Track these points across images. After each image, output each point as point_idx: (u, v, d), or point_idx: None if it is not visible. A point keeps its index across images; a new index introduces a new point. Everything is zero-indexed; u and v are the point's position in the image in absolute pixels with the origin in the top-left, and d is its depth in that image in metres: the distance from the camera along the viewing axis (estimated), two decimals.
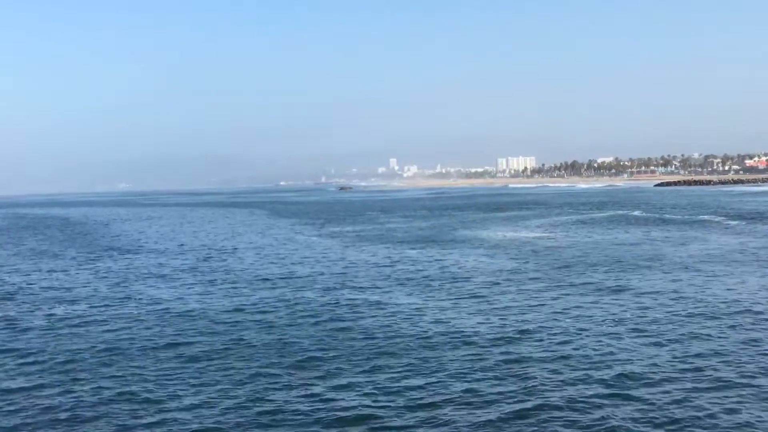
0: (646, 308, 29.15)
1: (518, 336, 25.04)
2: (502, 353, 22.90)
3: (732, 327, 25.45)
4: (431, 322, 27.66)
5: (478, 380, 20.24)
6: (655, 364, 21.11)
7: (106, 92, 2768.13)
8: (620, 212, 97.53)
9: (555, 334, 25.10)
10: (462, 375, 20.75)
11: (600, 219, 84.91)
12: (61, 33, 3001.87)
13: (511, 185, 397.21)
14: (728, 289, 33.03)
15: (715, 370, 20.42)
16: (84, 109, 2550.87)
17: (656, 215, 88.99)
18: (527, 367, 21.33)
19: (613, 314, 28.14)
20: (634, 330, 25.37)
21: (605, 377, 20.09)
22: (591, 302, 30.87)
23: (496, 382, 20.09)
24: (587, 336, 24.73)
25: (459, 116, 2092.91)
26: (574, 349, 23.13)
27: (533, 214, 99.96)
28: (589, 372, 20.64)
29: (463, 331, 25.91)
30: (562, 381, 19.93)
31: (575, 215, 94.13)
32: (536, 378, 20.25)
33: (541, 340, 24.35)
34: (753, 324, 25.85)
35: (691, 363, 21.13)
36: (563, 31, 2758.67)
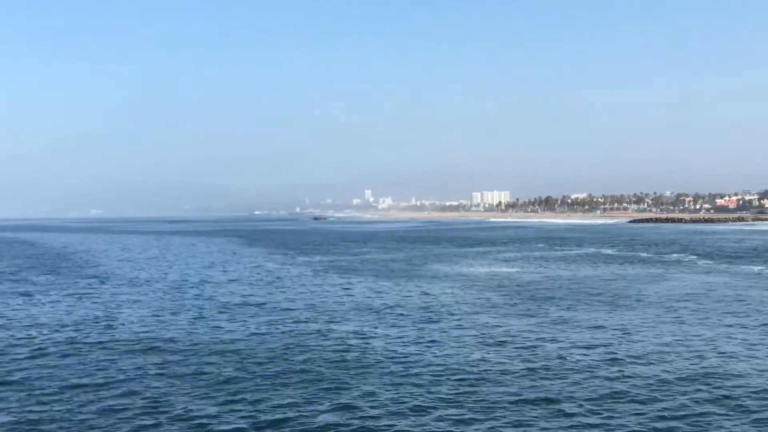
0: (613, 343, 29.60)
1: (490, 368, 25.32)
2: (469, 386, 23.15)
3: (697, 362, 25.96)
4: (404, 354, 27.79)
5: (457, 414, 20.51)
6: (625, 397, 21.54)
7: (79, 118, 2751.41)
8: (594, 249, 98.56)
9: (526, 369, 25.43)
10: (439, 408, 20.95)
11: (575, 256, 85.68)
12: (39, 57, 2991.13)
13: (490, 219, 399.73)
14: (692, 327, 33.62)
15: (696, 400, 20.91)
16: (59, 134, 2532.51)
17: (629, 253, 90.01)
18: (504, 401, 21.56)
19: (582, 347, 28.54)
20: (598, 363, 25.80)
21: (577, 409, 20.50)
22: (561, 336, 31.20)
23: (471, 413, 20.42)
24: (557, 370, 25.11)
25: (434, 150, 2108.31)
26: (548, 384, 23.49)
27: (509, 249, 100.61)
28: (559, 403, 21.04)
29: (436, 363, 26.11)
30: (535, 416, 20.27)
31: (551, 251, 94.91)
32: (509, 411, 20.55)
33: (511, 373, 24.68)
34: (710, 360, 26.40)
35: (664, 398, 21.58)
36: (540, 68, 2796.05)
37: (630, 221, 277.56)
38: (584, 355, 27.68)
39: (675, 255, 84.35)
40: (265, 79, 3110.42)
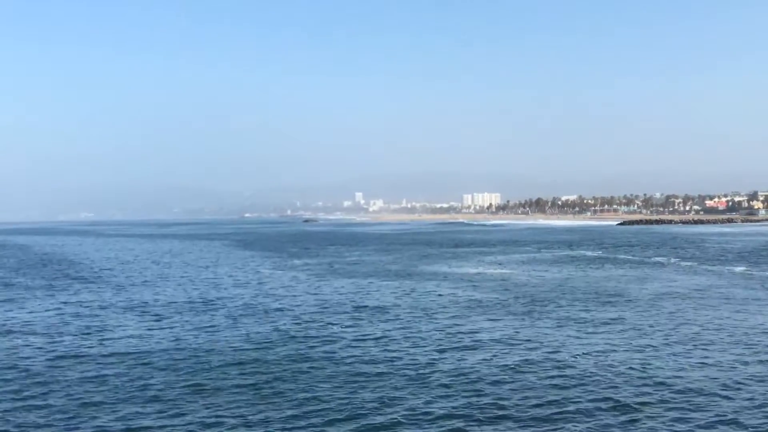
0: (598, 341, 30.40)
1: (485, 367, 26.00)
2: (463, 383, 23.79)
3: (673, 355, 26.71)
4: (400, 355, 28.44)
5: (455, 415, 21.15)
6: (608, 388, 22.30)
7: (68, 120, 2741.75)
8: (582, 251, 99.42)
9: (520, 366, 26.13)
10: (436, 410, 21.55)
11: (565, 257, 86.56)
12: (29, 62, 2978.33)
13: (482, 221, 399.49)
14: (678, 324, 34.44)
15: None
16: (47, 137, 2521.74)
17: (617, 255, 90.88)
18: (497, 398, 22.22)
19: (579, 347, 29.32)
20: (575, 360, 26.58)
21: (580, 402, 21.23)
22: (556, 335, 31.96)
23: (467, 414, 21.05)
24: (550, 367, 25.86)
25: (425, 152, 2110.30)
26: (541, 379, 24.25)
27: (503, 251, 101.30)
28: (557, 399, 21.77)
29: (435, 365, 26.80)
30: (533, 411, 20.96)
31: (545, 253, 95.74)
32: (507, 407, 21.21)
33: (502, 368, 25.38)
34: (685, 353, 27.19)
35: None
36: (529, 70, 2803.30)
37: (620, 223, 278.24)
38: (585, 354, 28.45)
39: (662, 257, 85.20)
40: (256, 81, 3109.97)
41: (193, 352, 29.85)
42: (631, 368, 25.91)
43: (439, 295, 48.51)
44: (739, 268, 66.76)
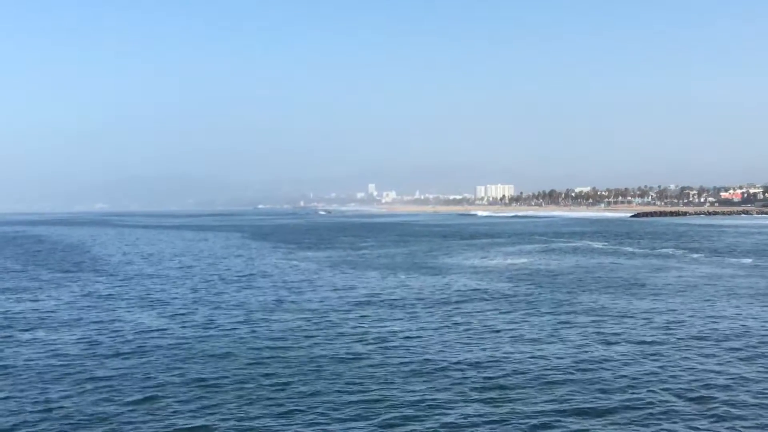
0: (606, 329, 31.52)
1: (498, 358, 27.05)
2: (484, 377, 24.38)
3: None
4: (419, 347, 29.07)
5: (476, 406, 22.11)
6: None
7: (83, 112, 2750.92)
8: (597, 243, 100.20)
9: (540, 359, 27.22)
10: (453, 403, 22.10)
11: (581, 248, 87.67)
12: (40, 52, 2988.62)
13: (498, 213, 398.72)
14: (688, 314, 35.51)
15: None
16: (62, 128, 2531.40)
17: (631, 247, 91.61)
18: (512, 391, 22.86)
19: (584, 335, 30.45)
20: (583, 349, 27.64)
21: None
22: (571, 325, 33.14)
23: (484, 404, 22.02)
24: (563, 358, 26.95)
25: (437, 144, 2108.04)
26: (554, 372, 25.32)
27: (517, 241, 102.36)
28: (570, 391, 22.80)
29: (457, 357, 27.73)
30: (540, 403, 21.98)
31: (559, 243, 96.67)
32: (516, 399, 21.82)
33: (521, 363, 26.42)
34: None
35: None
36: (543, 60, 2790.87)
37: (634, 215, 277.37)
38: (612, 344, 29.53)
39: (674, 249, 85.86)
40: (268, 72, 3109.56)
41: (214, 347, 29.38)
42: (656, 360, 27.00)
43: (463, 286, 49.52)
44: (748, 260, 68.30)
